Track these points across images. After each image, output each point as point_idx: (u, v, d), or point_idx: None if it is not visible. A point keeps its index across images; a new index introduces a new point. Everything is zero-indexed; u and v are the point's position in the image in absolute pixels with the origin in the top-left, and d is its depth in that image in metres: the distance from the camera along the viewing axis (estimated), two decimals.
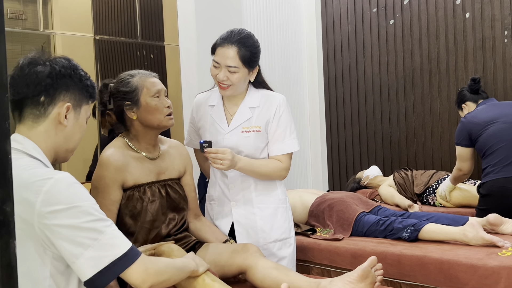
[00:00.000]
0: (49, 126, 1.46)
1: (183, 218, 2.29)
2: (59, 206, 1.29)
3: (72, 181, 1.35)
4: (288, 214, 2.50)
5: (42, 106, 1.44)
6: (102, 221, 1.36)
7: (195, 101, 2.55)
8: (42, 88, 1.44)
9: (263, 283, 2.00)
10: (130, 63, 3.36)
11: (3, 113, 0.76)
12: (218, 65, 2.29)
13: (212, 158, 2.20)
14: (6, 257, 0.76)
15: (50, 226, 1.29)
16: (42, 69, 1.45)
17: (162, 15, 3.61)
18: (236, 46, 2.25)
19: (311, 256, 2.97)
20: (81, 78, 1.52)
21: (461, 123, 3.40)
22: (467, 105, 3.72)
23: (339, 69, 5.19)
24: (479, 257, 2.44)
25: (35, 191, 1.29)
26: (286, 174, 2.43)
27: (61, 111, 1.46)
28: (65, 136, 1.49)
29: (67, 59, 1.52)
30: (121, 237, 1.38)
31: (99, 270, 1.32)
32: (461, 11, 4.40)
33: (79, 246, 1.30)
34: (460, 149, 3.39)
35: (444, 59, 4.51)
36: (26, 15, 2.85)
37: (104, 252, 1.33)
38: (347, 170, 5.20)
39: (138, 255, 1.40)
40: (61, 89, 1.46)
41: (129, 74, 2.21)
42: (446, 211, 3.72)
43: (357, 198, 3.33)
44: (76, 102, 1.50)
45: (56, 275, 1.36)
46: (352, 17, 5.07)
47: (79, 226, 1.30)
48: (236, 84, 2.29)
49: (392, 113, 4.87)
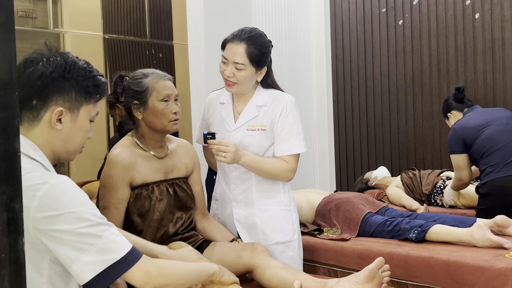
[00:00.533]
0: (44, 130, 1.41)
1: (191, 217, 2.29)
2: (54, 212, 1.27)
3: (68, 186, 1.32)
4: (292, 217, 2.45)
5: (34, 109, 1.40)
6: (100, 225, 1.33)
7: (207, 99, 2.57)
8: (33, 92, 1.38)
9: (270, 283, 2.00)
10: (139, 62, 3.38)
11: (12, 111, 0.77)
12: (226, 60, 2.29)
13: (215, 150, 2.17)
14: (14, 254, 0.76)
15: (45, 231, 1.27)
16: (35, 69, 1.39)
17: (171, 14, 3.62)
18: (245, 43, 2.25)
19: (318, 256, 2.97)
20: (78, 79, 1.43)
21: (452, 130, 3.46)
22: (453, 114, 3.81)
23: (347, 69, 5.18)
24: (486, 259, 2.44)
25: (30, 196, 1.26)
26: (292, 175, 2.38)
27: (52, 115, 1.40)
28: (63, 139, 1.44)
29: (64, 58, 1.44)
30: (119, 241, 1.35)
31: (96, 274, 1.30)
32: (471, 11, 4.38)
33: (75, 251, 1.28)
34: (455, 157, 3.44)
35: (453, 59, 4.49)
36: (36, 14, 2.87)
37: (101, 257, 1.31)
38: (355, 171, 5.19)
39: (138, 258, 1.38)
40: (54, 92, 1.40)
41: (143, 73, 2.21)
42: (454, 212, 3.71)
43: (364, 199, 3.32)
44: (72, 104, 1.43)
45: (54, 278, 1.34)
46: (361, 17, 5.06)
47: (75, 232, 1.28)
48: (241, 81, 2.28)
49: (401, 114, 4.86)
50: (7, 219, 0.76)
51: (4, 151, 0.76)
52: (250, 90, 2.39)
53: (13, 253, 0.76)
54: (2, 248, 0.75)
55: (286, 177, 2.38)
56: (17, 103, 0.78)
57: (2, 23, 0.75)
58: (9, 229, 0.76)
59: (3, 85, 0.76)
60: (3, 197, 0.75)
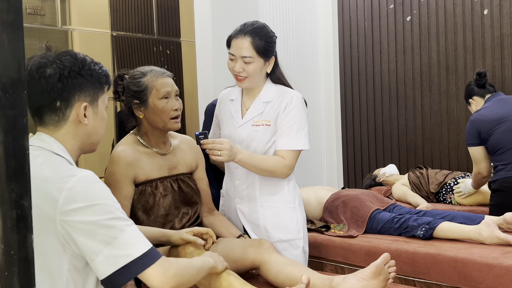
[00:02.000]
0: (71, 128, 1.47)
1: (197, 212, 2.31)
2: (81, 204, 1.30)
3: (95, 179, 1.36)
4: (297, 214, 2.43)
5: (59, 111, 1.44)
6: (123, 220, 1.36)
7: (219, 96, 2.59)
8: (55, 95, 1.43)
9: (276, 279, 2.01)
10: (146, 59, 3.39)
11: (21, 109, 0.77)
12: (233, 57, 2.30)
13: (209, 149, 2.15)
14: (24, 251, 0.77)
15: (71, 223, 1.30)
16: (51, 73, 1.43)
17: (178, 11, 3.62)
18: (250, 36, 2.27)
19: (325, 253, 2.97)
20: (91, 73, 1.49)
21: (469, 122, 3.40)
22: (475, 99, 3.68)
23: (355, 66, 5.17)
24: (494, 256, 2.43)
25: (59, 188, 1.30)
26: (289, 172, 2.35)
27: (79, 111, 1.46)
28: (88, 133, 1.50)
29: (73, 55, 1.49)
30: (141, 238, 1.38)
31: (117, 269, 1.32)
32: (479, 7, 4.36)
33: (99, 243, 1.31)
34: (472, 150, 3.39)
35: (462, 56, 4.47)
36: (45, 11, 2.89)
37: (123, 251, 1.33)
38: (363, 168, 5.19)
39: (158, 257, 1.39)
40: (75, 90, 1.45)
41: (141, 72, 2.22)
42: (462, 209, 3.69)
43: (372, 196, 3.32)
44: (92, 97, 1.50)
45: (73, 272, 1.37)
46: (368, 13, 5.05)
47: (100, 223, 1.31)
48: (252, 75, 2.29)
49: (408, 110, 4.85)
50: (16, 216, 0.76)
51: (13, 148, 0.76)
52: (261, 83, 2.40)
53: (23, 250, 0.77)
54: (12, 245, 0.76)
55: (282, 174, 2.33)
56: (25, 101, 0.78)
57: (11, 22, 0.76)
58: (18, 226, 0.77)
59: (12, 83, 0.76)
60: (12, 194, 0.76)
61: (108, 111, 1.61)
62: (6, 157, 0.76)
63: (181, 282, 1.46)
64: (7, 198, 0.76)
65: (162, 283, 1.40)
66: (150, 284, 1.41)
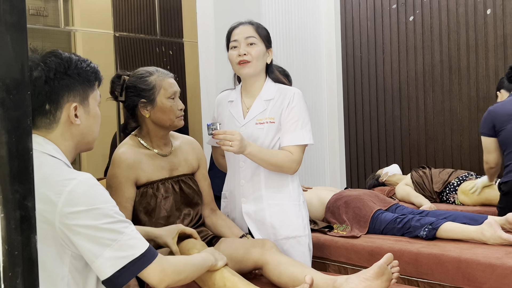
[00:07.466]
0: (64, 129, 1.45)
1: (198, 213, 2.31)
2: (81, 207, 1.31)
3: (94, 182, 1.37)
4: (302, 212, 2.45)
5: (50, 113, 1.43)
6: (122, 222, 1.37)
7: (216, 99, 2.59)
8: (43, 98, 1.41)
9: (279, 279, 2.01)
10: (149, 60, 3.39)
11: (25, 110, 0.77)
12: (236, 43, 2.35)
13: (221, 139, 2.16)
14: (27, 251, 0.77)
15: (71, 226, 1.31)
16: (37, 76, 1.40)
17: (181, 12, 3.63)
18: (251, 24, 2.39)
19: (328, 253, 2.97)
20: (79, 71, 1.46)
21: (487, 111, 3.32)
22: (502, 92, 3.62)
23: (358, 66, 5.17)
24: (498, 256, 2.42)
25: (58, 191, 1.30)
26: (297, 167, 2.36)
27: (70, 112, 1.44)
28: (82, 133, 1.49)
29: (58, 56, 1.45)
30: (139, 238, 1.40)
31: (117, 270, 1.34)
32: (482, 7, 4.35)
33: (98, 246, 1.32)
34: (484, 140, 3.32)
35: (465, 56, 4.47)
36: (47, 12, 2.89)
37: (123, 253, 1.35)
38: (365, 168, 5.18)
39: (155, 256, 1.43)
40: (63, 91, 1.43)
41: (147, 71, 2.22)
42: (465, 209, 3.69)
43: (375, 196, 3.32)
44: (81, 96, 1.47)
45: (74, 273, 1.38)
46: (371, 13, 5.05)
47: (99, 227, 1.32)
48: (255, 58, 2.33)
49: (411, 110, 4.84)
50: (20, 217, 0.77)
51: (17, 149, 0.77)
52: (262, 74, 2.42)
53: (26, 250, 0.77)
54: (15, 245, 0.76)
55: (290, 168, 2.35)
56: (29, 102, 0.78)
57: (15, 24, 0.76)
58: (22, 227, 0.77)
59: (15, 84, 0.76)
60: (16, 195, 0.76)
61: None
62: (10, 158, 0.76)
63: (179, 278, 1.50)
64: (11, 199, 0.76)
65: (160, 281, 1.44)
66: (149, 282, 1.44)
